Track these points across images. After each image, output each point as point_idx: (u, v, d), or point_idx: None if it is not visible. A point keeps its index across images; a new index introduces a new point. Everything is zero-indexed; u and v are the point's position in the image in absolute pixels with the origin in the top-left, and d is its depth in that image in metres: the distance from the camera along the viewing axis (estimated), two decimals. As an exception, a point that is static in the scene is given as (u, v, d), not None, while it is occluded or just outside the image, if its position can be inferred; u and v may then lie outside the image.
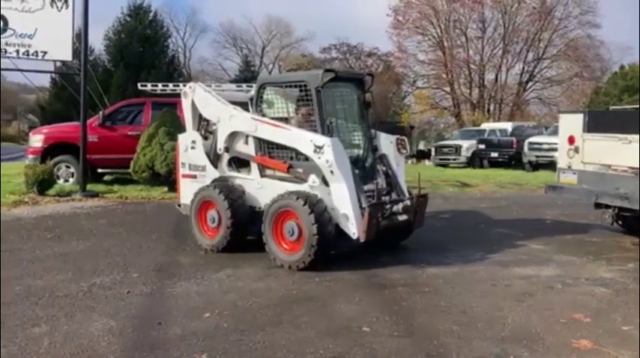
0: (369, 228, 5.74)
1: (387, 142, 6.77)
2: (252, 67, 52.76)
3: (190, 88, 7.28)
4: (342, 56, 50.25)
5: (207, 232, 6.70)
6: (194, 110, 7.20)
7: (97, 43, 41.38)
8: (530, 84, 39.50)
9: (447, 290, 5.22)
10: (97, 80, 17.29)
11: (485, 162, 22.46)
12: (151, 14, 41.81)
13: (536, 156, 19.88)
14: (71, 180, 12.20)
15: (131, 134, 12.32)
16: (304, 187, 6.07)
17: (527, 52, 38.21)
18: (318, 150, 5.85)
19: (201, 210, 6.74)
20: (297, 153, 6.22)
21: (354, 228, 5.80)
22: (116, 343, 3.89)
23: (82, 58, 11.80)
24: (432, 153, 26.40)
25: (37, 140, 12.71)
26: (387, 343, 3.95)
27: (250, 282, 5.41)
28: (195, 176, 7.12)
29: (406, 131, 46.77)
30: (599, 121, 7.49)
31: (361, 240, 5.81)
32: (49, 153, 12.24)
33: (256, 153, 6.58)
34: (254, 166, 6.66)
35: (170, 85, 8.49)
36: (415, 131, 48.36)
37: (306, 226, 5.71)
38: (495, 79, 38.91)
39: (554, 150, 14.50)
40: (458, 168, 22.39)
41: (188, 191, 7.08)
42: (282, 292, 5.11)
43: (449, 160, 23.72)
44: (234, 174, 6.88)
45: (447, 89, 39.67)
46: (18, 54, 10.97)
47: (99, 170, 12.62)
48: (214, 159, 6.97)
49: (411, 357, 3.76)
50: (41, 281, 5.37)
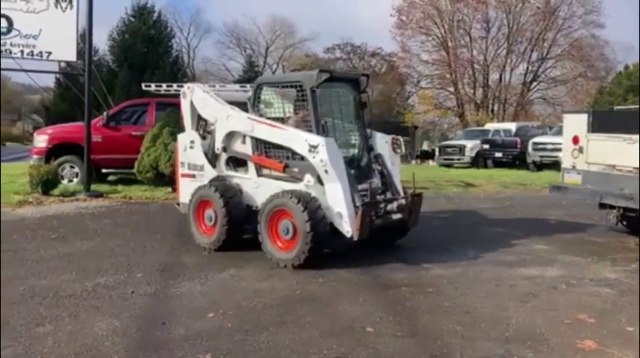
0: (362, 227, 5.79)
1: (382, 142, 6.83)
2: (256, 68, 52.78)
3: (189, 88, 7.37)
4: (345, 56, 50.27)
5: (205, 230, 6.79)
6: (193, 110, 7.28)
7: (102, 43, 41.54)
8: (535, 84, 39.40)
9: (450, 291, 5.21)
10: (102, 80, 17.35)
11: (490, 163, 22.43)
12: (155, 14, 41.92)
13: (541, 157, 19.84)
14: (75, 180, 12.21)
15: (135, 134, 12.34)
16: (300, 186, 6.14)
17: (532, 51, 38.13)
18: (312, 149, 5.92)
19: (199, 208, 6.83)
20: (292, 152, 6.28)
21: (347, 227, 5.85)
22: (120, 343, 3.90)
23: (86, 58, 11.83)
24: (436, 154, 26.37)
25: (41, 140, 12.74)
26: (390, 343, 3.95)
27: (254, 282, 5.42)
28: (194, 175, 7.20)
29: (410, 131, 46.82)
30: (603, 121, 7.47)
31: (355, 238, 5.85)
32: (53, 153, 12.25)
33: (253, 153, 6.66)
34: (251, 166, 6.74)
35: (174, 86, 8.51)
36: (419, 131, 48.34)
37: (301, 225, 5.77)
38: (499, 78, 38.82)
39: (558, 150, 14.46)
40: (462, 168, 22.35)
41: (187, 190, 7.17)
42: (286, 292, 5.12)
43: (453, 160, 23.69)
44: (231, 173, 6.95)
45: (451, 89, 39.61)
46: (23, 54, 11.00)
47: (103, 170, 12.66)
48: (212, 158, 7.04)
49: (415, 357, 3.76)
50: (45, 281, 5.38)
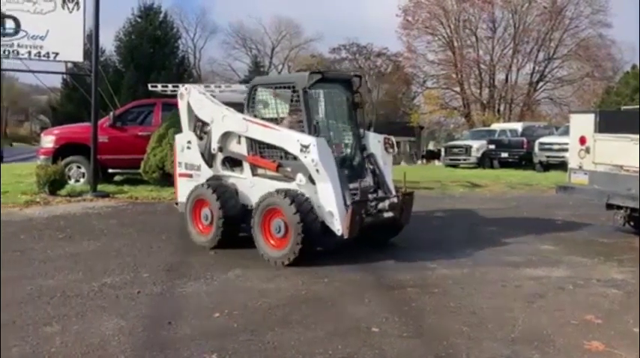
0: (352, 225, 5.86)
1: (375, 142, 6.90)
2: (262, 68, 52.89)
3: (186, 89, 7.51)
4: (351, 56, 50.25)
5: (201, 229, 6.90)
6: (189, 111, 7.41)
7: (108, 44, 41.73)
8: (541, 84, 39.31)
9: (456, 291, 5.20)
10: (108, 81, 17.40)
11: (496, 163, 22.36)
12: (161, 15, 42.09)
13: (547, 157, 19.76)
14: (82, 180, 12.28)
15: (141, 135, 12.38)
16: (292, 186, 6.24)
17: (538, 51, 38.05)
18: (304, 149, 6.01)
19: (196, 208, 6.95)
20: (286, 152, 6.37)
21: (338, 225, 5.93)
22: (127, 342, 3.91)
23: (93, 59, 11.88)
24: (442, 154, 26.31)
25: (48, 141, 12.81)
26: (396, 344, 3.94)
27: (259, 283, 5.42)
28: (191, 175, 7.32)
29: (416, 131, 46.86)
30: (610, 121, 7.44)
31: (345, 236, 5.93)
32: (60, 153, 12.32)
33: (248, 153, 6.77)
34: (246, 165, 6.85)
35: (180, 86, 8.53)
36: (425, 131, 48.32)
37: (292, 223, 5.87)
38: (506, 79, 38.74)
39: (564, 150, 14.41)
40: (468, 168, 22.29)
41: (184, 189, 7.28)
42: (291, 292, 5.12)
43: (459, 161, 23.63)
44: (227, 173, 7.07)
45: (457, 89, 39.55)
46: (30, 55, 11.06)
47: (109, 170, 12.70)
48: (209, 158, 7.14)
49: (421, 358, 3.75)
50: (53, 280, 5.41)
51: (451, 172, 19.56)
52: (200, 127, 7.32)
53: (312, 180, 6.12)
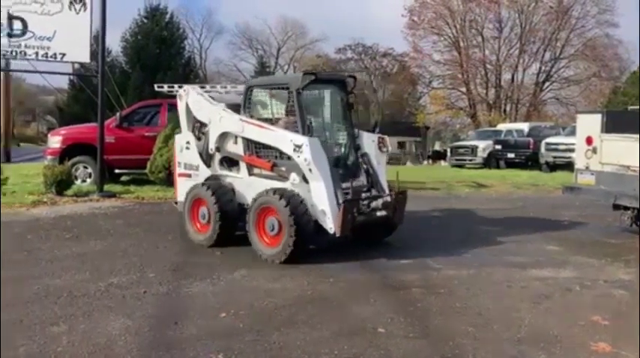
0: (344, 223, 5.93)
1: (369, 141, 6.95)
2: (268, 68, 52.94)
3: (185, 91, 7.67)
4: (357, 57, 50.29)
5: (199, 228, 7.02)
6: (188, 112, 7.54)
7: (115, 44, 41.85)
8: (547, 84, 39.15)
9: (462, 292, 5.19)
10: (114, 82, 17.50)
11: (502, 163, 22.28)
12: (168, 16, 42.15)
13: (554, 157, 19.68)
14: (89, 180, 12.34)
15: (148, 135, 12.42)
16: (287, 185, 6.34)
17: (544, 51, 37.89)
18: (297, 149, 6.10)
19: (193, 207, 7.07)
20: (280, 152, 6.45)
21: (330, 224, 6.00)
22: (133, 342, 3.93)
23: (99, 59, 11.94)
24: (448, 154, 26.26)
25: (55, 141, 12.87)
26: (402, 344, 3.94)
27: (265, 283, 5.43)
28: (190, 175, 7.48)
29: (421, 132, 46.81)
30: (617, 121, 7.41)
31: (337, 234, 5.99)
32: (67, 153, 12.38)
33: (245, 153, 6.87)
34: (243, 165, 6.96)
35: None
36: (431, 132, 48.24)
37: (285, 221, 5.95)
38: (512, 79, 38.62)
39: (571, 150, 14.37)
40: (474, 168, 22.25)
41: (183, 189, 7.44)
42: (297, 292, 5.12)
43: (465, 161, 23.58)
44: (225, 172, 7.19)
45: (463, 89, 39.46)
46: (37, 56, 11.12)
47: (116, 170, 12.73)
48: (207, 158, 7.27)
49: (427, 359, 3.75)
50: (60, 280, 5.43)
51: (457, 172, 19.52)
52: (198, 128, 7.43)
53: (305, 179, 6.21)
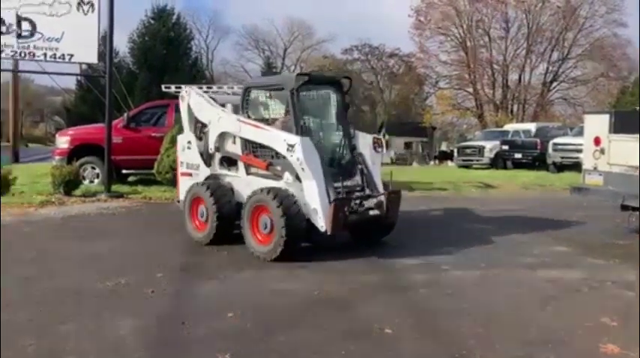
0: (334, 222, 5.99)
1: (364, 141, 7.01)
2: (274, 69, 52.97)
3: (187, 92, 7.84)
4: (363, 57, 50.23)
5: (198, 226, 7.15)
6: (190, 113, 7.67)
7: (122, 45, 42.05)
8: (555, 84, 38.99)
9: (470, 293, 5.18)
10: (122, 82, 17.57)
11: (509, 164, 22.21)
12: (175, 17, 42.26)
13: (561, 158, 19.58)
14: (96, 180, 12.40)
15: (155, 135, 12.45)
16: (281, 184, 6.44)
17: (552, 51, 37.74)
18: (290, 148, 6.22)
19: (193, 205, 7.21)
20: (276, 151, 6.54)
21: (322, 222, 6.08)
22: (141, 342, 3.94)
23: (107, 60, 11.99)
24: (455, 154, 26.20)
25: (63, 141, 12.94)
26: (410, 345, 3.93)
27: (272, 282, 5.44)
28: (191, 174, 7.65)
29: (428, 132, 46.69)
30: (625, 122, 7.37)
31: (328, 233, 6.07)
32: (75, 154, 12.45)
33: (242, 153, 6.97)
34: (241, 165, 7.08)
35: (193, 87, 8.61)
36: (437, 132, 48.12)
37: (276, 220, 6.04)
38: (519, 79, 38.49)
39: (579, 151, 14.26)
40: (481, 169, 22.19)
41: (185, 188, 7.60)
42: (304, 292, 5.12)
43: (472, 161, 23.52)
44: (224, 172, 7.32)
45: (470, 90, 39.37)
46: (45, 57, 11.18)
47: (123, 171, 12.78)
48: (207, 158, 7.41)
49: (434, 359, 3.74)
50: (68, 280, 5.46)
51: (464, 173, 19.47)
52: (199, 128, 7.56)
53: (299, 178, 6.29)
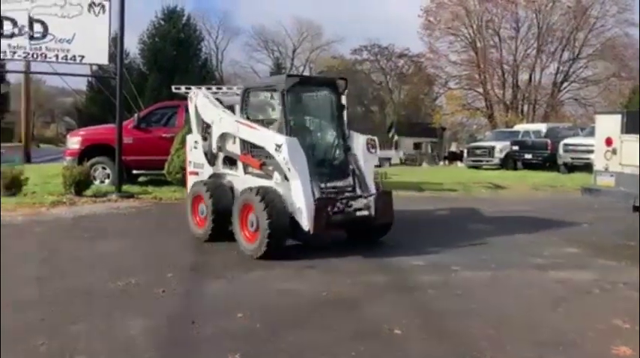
0: (317, 221, 6.07)
1: (357, 142, 7.06)
2: (283, 70, 53.05)
3: (194, 93, 8.06)
4: (372, 57, 50.19)
5: (198, 222, 7.39)
6: (197, 114, 7.88)
7: (132, 46, 42.28)
8: (565, 84, 38.75)
9: (480, 294, 5.15)
10: (132, 83, 17.64)
11: (519, 164, 22.07)
12: (185, 18, 42.46)
13: (572, 158, 19.43)
14: (107, 181, 12.45)
15: (165, 136, 12.49)
16: (271, 183, 6.56)
17: (562, 51, 37.51)
18: (278, 148, 6.34)
19: (194, 203, 7.45)
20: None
21: (305, 221, 6.15)
22: (151, 341, 3.96)
23: (117, 61, 12.05)
24: (465, 155, 26.09)
25: (74, 142, 13.00)
26: (420, 346, 3.92)
27: (281, 283, 5.44)
28: (197, 173, 7.91)
29: (438, 133, 46.59)
30: (638, 122, 7.30)
31: (311, 232, 6.15)
32: (86, 154, 12.50)
33: (241, 152, 7.12)
34: (240, 164, 7.21)
35: (203, 88, 8.67)
36: (447, 132, 47.98)
37: (261, 219, 6.16)
38: (529, 79, 38.28)
39: (590, 151, 14.17)
40: (491, 169, 22.09)
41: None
42: (313, 293, 5.12)
43: (482, 162, 23.41)
44: (226, 171, 7.51)
45: (480, 90, 39.21)
46: (57, 58, 11.25)
47: (134, 171, 12.83)
48: (211, 157, 7.62)
49: (444, 361, 3.73)
50: (79, 279, 5.50)
51: (474, 173, 19.39)
52: (205, 129, 7.74)
53: (287, 177, 6.39)
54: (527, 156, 21.80)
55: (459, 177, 16.71)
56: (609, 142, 7.38)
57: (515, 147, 22.35)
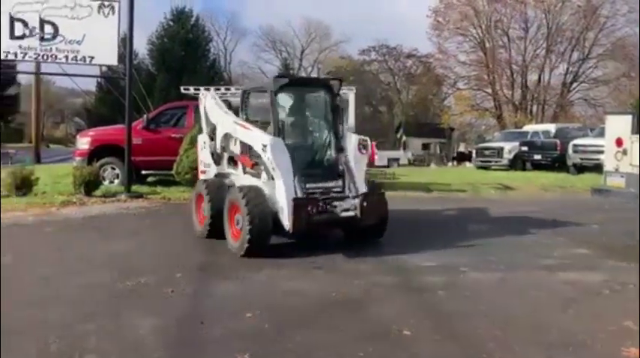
0: (295, 221, 6.10)
1: (350, 142, 7.09)
2: (292, 70, 53.15)
3: (203, 94, 8.29)
4: (381, 58, 50.14)
5: (199, 220, 7.54)
6: (206, 115, 8.10)
7: (141, 47, 42.51)
8: (575, 84, 38.53)
9: (488, 295, 5.13)
10: (141, 84, 17.72)
11: (528, 165, 21.96)
12: (193, 19, 42.63)
13: (581, 159, 19.33)
14: (116, 181, 12.53)
15: (174, 136, 12.55)
16: (259, 182, 6.74)
17: (572, 51, 37.30)
18: (264, 148, 6.46)
19: (198, 202, 7.62)
20: None
21: (286, 221, 6.22)
22: (160, 341, 3.97)
23: (127, 62, 12.12)
24: (473, 155, 26.01)
25: (84, 142, 13.09)
26: (429, 347, 3.92)
27: (289, 283, 5.45)
28: (206, 172, 8.16)
29: (446, 133, 46.47)
30: (648, 123, 7.27)
31: (290, 231, 6.22)
32: (95, 155, 12.59)
33: (241, 152, 7.27)
34: (240, 163, 7.39)
35: (211, 89, 8.75)
36: (455, 133, 47.86)
37: (243, 218, 6.27)
38: (538, 79, 38.10)
39: (599, 152, 14.08)
40: (499, 170, 22.00)
41: None
42: (322, 294, 5.12)
43: (490, 162, 23.32)
44: (229, 170, 7.71)
45: (489, 90, 39.08)
46: (67, 59, 11.33)
47: (143, 171, 12.91)
48: (217, 157, 7.87)
49: (453, 362, 3.72)
50: (88, 279, 5.52)
51: (483, 174, 19.33)
52: (212, 129, 7.93)
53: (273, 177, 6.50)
54: (537, 157, 21.70)
55: (467, 178, 16.66)
56: (619, 143, 7.35)
57: (525, 148, 22.25)
